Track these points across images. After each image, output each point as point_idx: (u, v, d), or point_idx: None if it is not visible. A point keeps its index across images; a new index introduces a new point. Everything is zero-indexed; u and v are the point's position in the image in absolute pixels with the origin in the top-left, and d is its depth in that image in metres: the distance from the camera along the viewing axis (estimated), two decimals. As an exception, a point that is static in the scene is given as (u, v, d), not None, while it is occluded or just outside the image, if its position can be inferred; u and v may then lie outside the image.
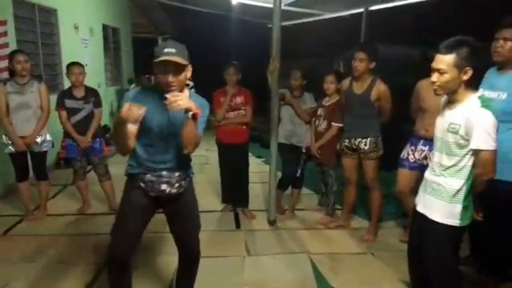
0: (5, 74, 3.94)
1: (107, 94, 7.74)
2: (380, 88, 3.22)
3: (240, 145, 3.91)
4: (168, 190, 2.08)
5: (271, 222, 3.80)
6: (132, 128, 1.96)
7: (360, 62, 3.19)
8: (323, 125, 3.70)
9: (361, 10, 5.97)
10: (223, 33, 10.22)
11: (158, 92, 2.00)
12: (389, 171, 3.55)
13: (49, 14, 5.72)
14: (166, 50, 1.90)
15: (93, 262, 3.04)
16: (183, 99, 1.83)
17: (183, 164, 2.14)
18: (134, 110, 1.82)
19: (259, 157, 6.40)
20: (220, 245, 3.36)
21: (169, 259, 2.94)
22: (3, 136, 3.59)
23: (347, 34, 6.56)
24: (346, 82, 3.45)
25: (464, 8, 4.66)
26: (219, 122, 3.84)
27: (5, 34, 4.44)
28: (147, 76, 8.56)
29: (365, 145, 3.29)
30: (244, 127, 3.88)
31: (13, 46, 4.51)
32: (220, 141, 3.96)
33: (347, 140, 3.41)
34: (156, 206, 2.18)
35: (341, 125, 3.54)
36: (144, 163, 2.08)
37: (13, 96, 3.52)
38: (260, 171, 5.48)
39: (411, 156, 3.06)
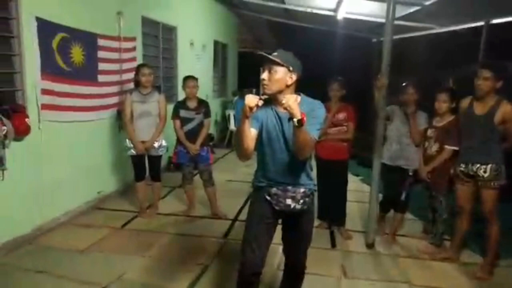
0: (131, 85, 4.46)
1: (213, 105, 8.26)
2: (506, 109, 2.89)
3: (340, 162, 3.83)
4: (293, 205, 2.10)
5: (369, 245, 3.63)
6: (252, 131, 2.02)
7: (485, 80, 2.91)
8: (434, 147, 3.44)
9: (481, 23, 5.45)
10: (327, 48, 10.20)
11: (271, 105, 2.07)
12: (509, 202, 3.14)
13: (170, 31, 6.34)
14: (273, 53, 2.00)
15: (195, 261, 3.23)
16: (290, 100, 1.79)
17: (307, 178, 2.16)
18: (252, 98, 1.83)
19: (356, 175, 6.19)
20: (315, 262, 3.26)
21: (267, 270, 2.99)
22: (127, 140, 4.04)
23: (463, 49, 6.05)
24: (466, 102, 3.16)
25: None
26: (320, 138, 3.81)
27: (134, 49, 5.04)
28: (248, 89, 8.96)
29: (485, 172, 2.96)
30: (345, 143, 3.80)
31: (139, 60, 5.10)
32: (319, 157, 3.93)
33: (463, 165, 3.12)
34: (278, 218, 2.22)
35: (456, 148, 3.25)
36: (269, 176, 2.13)
37: (136, 104, 3.95)
38: (357, 189, 5.28)
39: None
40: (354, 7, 6.11)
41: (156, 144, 4.04)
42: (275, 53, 2.01)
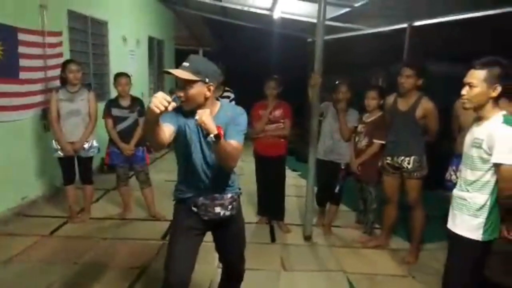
0: (58, 82, 4.17)
1: (149, 103, 8.02)
2: (426, 105, 3.12)
3: (278, 158, 3.91)
4: (222, 213, 2.01)
5: (307, 238, 3.75)
6: (169, 127, 1.87)
7: (407, 78, 3.12)
8: (363, 141, 3.63)
9: (405, 25, 5.85)
10: (264, 47, 10.36)
11: (192, 114, 1.85)
12: (431, 191, 3.40)
13: (101, 26, 6.03)
14: (183, 63, 1.85)
15: (132, 266, 3.11)
16: (203, 117, 1.70)
17: (232, 183, 2.09)
18: (161, 99, 1.62)
19: (294, 170, 6.37)
20: (255, 257, 3.32)
21: (207, 269, 2.96)
22: (53, 141, 3.78)
23: (389, 49, 6.45)
24: (390, 99, 3.38)
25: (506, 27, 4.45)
26: (258, 134, 3.87)
27: (60, 44, 4.72)
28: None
29: (409, 163, 3.19)
30: (282, 140, 3.88)
31: (66, 56, 4.78)
32: (257, 153, 3.98)
33: (389, 158, 3.32)
34: (207, 228, 2.11)
35: (383, 142, 3.46)
36: (193, 187, 2.01)
37: (64, 103, 3.71)
38: (295, 184, 5.44)
39: (453, 177, 2.95)
40: (289, 7, 6.27)
41: (86, 145, 3.82)
42: (186, 64, 1.84)
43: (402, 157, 3.22)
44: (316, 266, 3.27)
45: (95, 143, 3.90)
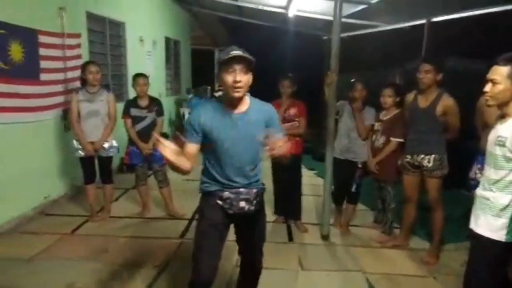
0: (77, 83, 4.25)
1: (167, 103, 8.08)
2: (447, 102, 3.06)
3: (293, 157, 3.88)
4: (247, 207, 2.04)
5: (325, 237, 3.73)
6: (193, 147, 1.99)
7: (426, 73, 3.06)
8: (380, 140, 3.59)
9: (423, 21, 5.76)
10: (279, 45, 10.33)
11: (223, 105, 2.00)
12: (453, 190, 3.34)
13: (118, 28, 6.11)
14: (233, 52, 1.87)
15: (151, 265, 3.15)
16: (280, 150, 1.77)
17: (258, 178, 2.12)
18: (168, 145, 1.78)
19: (311, 169, 6.32)
20: (273, 257, 3.33)
21: (226, 265, 2.98)
22: (74, 141, 3.85)
23: (407, 46, 6.36)
24: (411, 96, 3.32)
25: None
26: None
27: (79, 46, 4.80)
28: (202, 86, 8.84)
29: (429, 162, 3.13)
30: (297, 138, 3.86)
31: (85, 57, 4.87)
32: (274, 152, 3.97)
33: (409, 156, 3.27)
34: (232, 221, 2.15)
35: (401, 140, 3.41)
36: (219, 180, 2.04)
37: (84, 104, 3.77)
38: (312, 183, 5.41)
39: (478, 175, 2.88)
40: (304, 5, 6.23)
41: (106, 145, 3.88)
42: (239, 51, 1.87)
43: (422, 156, 3.16)
44: (334, 266, 3.25)
45: (114, 143, 3.96)
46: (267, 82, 4.44)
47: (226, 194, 2.04)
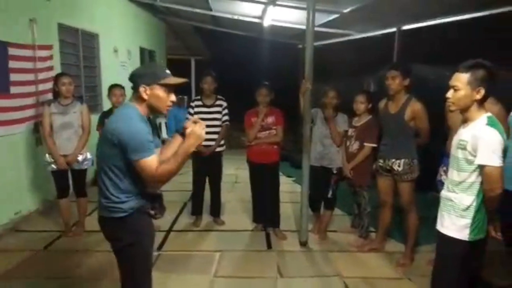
0: (50, 96, 4.17)
1: (142, 114, 8.00)
2: (415, 107, 3.15)
3: (271, 165, 3.92)
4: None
5: (303, 243, 3.76)
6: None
7: (393, 79, 3.16)
8: (354, 145, 3.66)
9: (394, 29, 5.94)
10: (255, 54, 10.41)
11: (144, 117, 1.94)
12: (424, 192, 3.43)
13: (91, 38, 6.03)
14: (167, 70, 1.97)
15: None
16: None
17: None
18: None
19: (289, 176, 6.38)
20: (251, 265, 3.35)
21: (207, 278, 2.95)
22: (46, 154, 3.76)
23: (379, 54, 6.52)
24: (382, 102, 3.41)
25: (496, 28, 4.54)
26: (250, 142, 3.88)
27: (51, 57, 4.71)
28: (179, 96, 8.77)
29: (399, 166, 3.21)
30: (275, 146, 3.90)
31: (57, 69, 4.78)
32: (251, 161, 4.00)
33: (381, 161, 3.35)
34: None
35: (374, 145, 3.49)
36: (143, 190, 2.00)
37: (56, 116, 3.70)
38: (290, 190, 5.45)
39: (443, 177, 2.97)
40: (279, 14, 6.32)
41: (80, 158, 3.81)
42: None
43: (393, 160, 3.25)
44: (313, 272, 3.27)
45: (89, 155, 3.89)
46: (244, 91, 4.47)
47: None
